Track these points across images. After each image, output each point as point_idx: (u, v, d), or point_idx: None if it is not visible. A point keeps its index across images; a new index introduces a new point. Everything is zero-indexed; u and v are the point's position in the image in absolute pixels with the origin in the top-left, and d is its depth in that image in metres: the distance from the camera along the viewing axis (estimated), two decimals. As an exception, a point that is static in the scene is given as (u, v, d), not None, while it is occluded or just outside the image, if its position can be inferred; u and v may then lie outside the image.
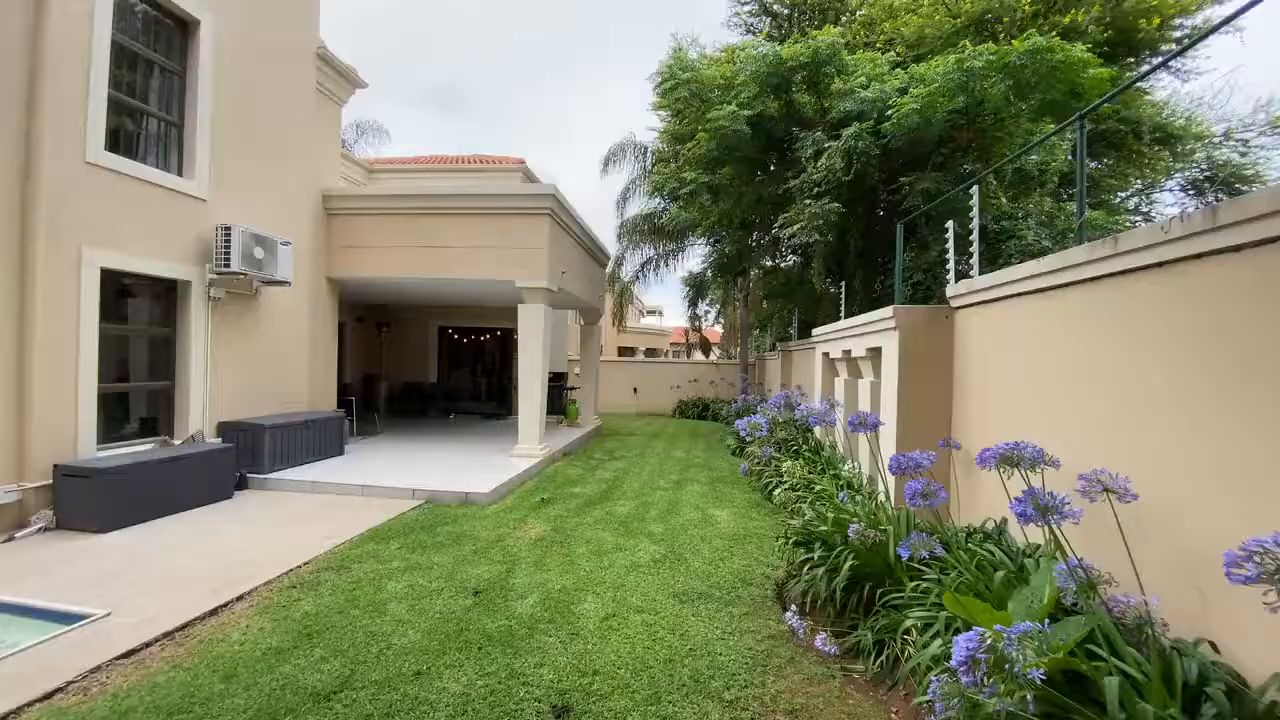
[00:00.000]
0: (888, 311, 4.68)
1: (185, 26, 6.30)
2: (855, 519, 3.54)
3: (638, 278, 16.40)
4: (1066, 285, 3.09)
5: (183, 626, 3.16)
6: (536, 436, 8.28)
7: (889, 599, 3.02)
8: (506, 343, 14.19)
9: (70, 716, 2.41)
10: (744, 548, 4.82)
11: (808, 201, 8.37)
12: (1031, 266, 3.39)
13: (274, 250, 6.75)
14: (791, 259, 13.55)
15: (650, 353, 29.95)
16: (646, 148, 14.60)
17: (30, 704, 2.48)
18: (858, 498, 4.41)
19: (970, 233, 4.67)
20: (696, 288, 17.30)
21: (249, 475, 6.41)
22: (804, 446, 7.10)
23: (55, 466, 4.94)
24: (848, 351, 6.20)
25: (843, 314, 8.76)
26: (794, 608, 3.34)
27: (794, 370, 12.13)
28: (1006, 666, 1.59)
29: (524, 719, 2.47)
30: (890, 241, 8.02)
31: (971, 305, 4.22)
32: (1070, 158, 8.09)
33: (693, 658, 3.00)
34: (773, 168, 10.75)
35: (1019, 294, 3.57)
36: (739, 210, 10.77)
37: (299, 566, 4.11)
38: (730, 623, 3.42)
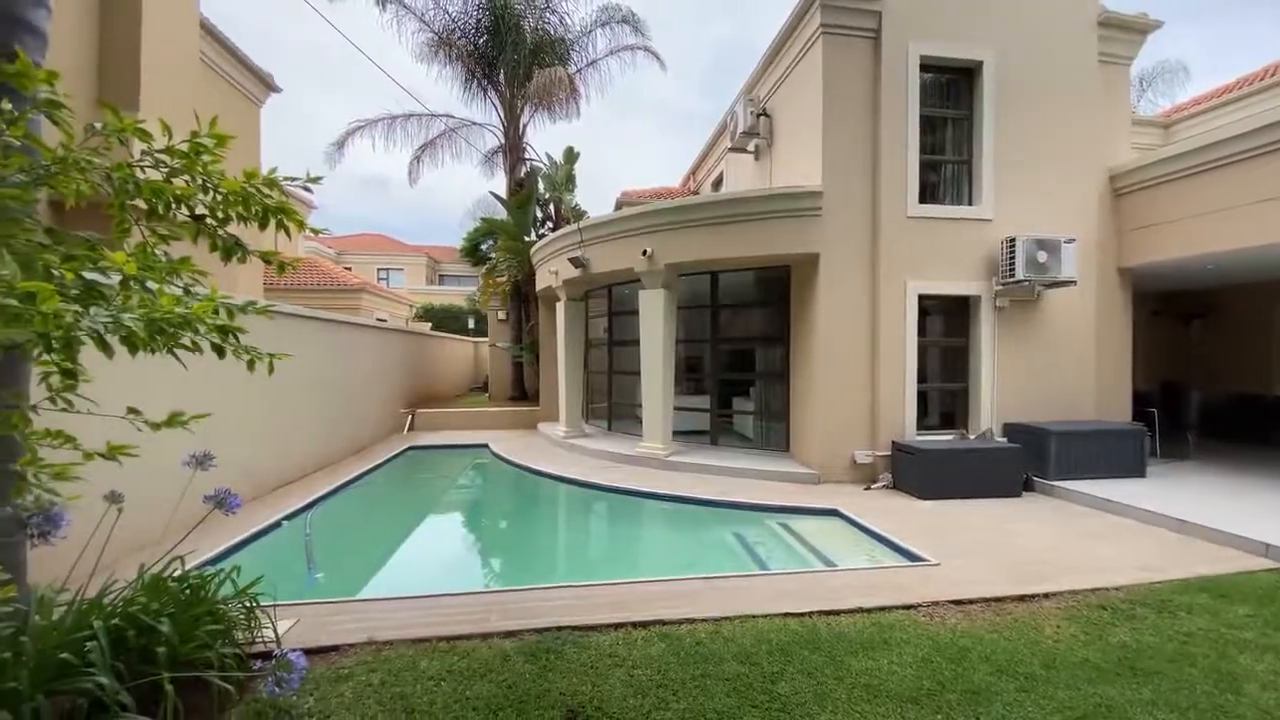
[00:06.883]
0: None
1: (969, 73, 7.21)
2: None
3: None
4: None
5: (997, 599, 3.55)
6: None
7: None
8: None
9: (925, 630, 3.19)
10: None
11: None
12: None
13: (1056, 251, 6.54)
14: None
15: None
16: None
17: (894, 607, 3.46)
18: None
19: None
20: None
21: (1034, 478, 6.48)
22: None
23: (892, 442, 6.77)
24: None
25: None
26: None
27: None
28: None
29: None
30: None
31: None
32: None
33: None
34: None
35: None
36: None
37: (1106, 588, 3.74)
38: None
